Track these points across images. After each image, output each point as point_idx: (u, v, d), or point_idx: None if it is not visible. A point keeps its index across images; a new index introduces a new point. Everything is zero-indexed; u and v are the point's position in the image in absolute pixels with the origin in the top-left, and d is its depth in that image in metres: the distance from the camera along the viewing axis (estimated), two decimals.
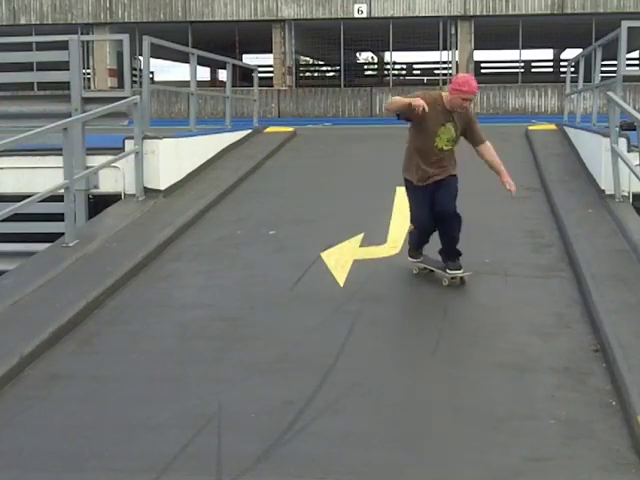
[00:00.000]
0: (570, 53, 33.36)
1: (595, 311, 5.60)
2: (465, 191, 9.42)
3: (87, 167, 8.94)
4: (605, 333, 5.18)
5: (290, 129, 13.94)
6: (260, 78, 15.78)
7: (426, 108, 5.96)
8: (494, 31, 26.47)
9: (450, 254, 6.46)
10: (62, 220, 7.47)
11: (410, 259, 6.78)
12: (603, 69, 14.65)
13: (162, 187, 9.25)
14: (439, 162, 6.34)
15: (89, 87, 25.64)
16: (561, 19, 26.09)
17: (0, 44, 10.56)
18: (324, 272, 6.83)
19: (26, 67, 17.88)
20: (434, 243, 6.62)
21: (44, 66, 13.92)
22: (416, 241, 6.69)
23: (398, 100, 6.13)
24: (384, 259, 7.19)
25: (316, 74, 36.32)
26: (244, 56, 33.39)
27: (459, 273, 6.43)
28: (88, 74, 26.04)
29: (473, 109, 5.91)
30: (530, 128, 13.44)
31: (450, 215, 6.34)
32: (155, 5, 26.51)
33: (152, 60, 11.40)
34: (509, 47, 29.23)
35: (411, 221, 6.69)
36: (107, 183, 9.30)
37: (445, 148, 6.29)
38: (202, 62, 24.07)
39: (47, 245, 7.62)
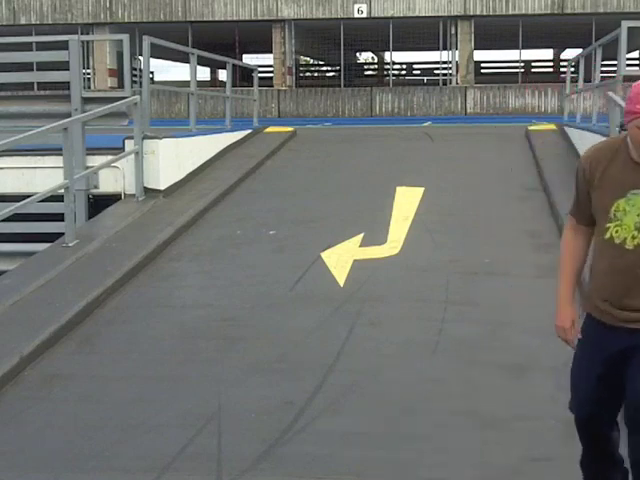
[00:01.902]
0: (570, 53, 33.36)
1: None
2: (465, 191, 9.48)
3: (87, 167, 8.94)
4: None
5: (290, 129, 13.93)
6: (260, 78, 15.77)
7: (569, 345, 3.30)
8: (494, 31, 26.45)
9: None
10: (62, 220, 7.47)
11: None
12: (603, 69, 14.65)
13: (162, 187, 9.25)
14: (632, 279, 2.97)
15: (89, 87, 25.63)
16: (561, 19, 26.08)
17: (0, 44, 10.57)
18: (324, 272, 6.83)
19: (26, 67, 17.86)
20: None
21: (44, 66, 13.93)
22: (582, 455, 3.29)
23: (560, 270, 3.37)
24: (384, 259, 7.19)
25: (316, 74, 36.31)
26: (244, 56, 33.38)
27: None
28: (88, 74, 26.03)
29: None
30: (530, 128, 13.43)
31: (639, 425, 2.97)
32: (155, 5, 26.50)
33: (152, 60, 11.40)
34: (509, 47, 29.22)
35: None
36: (107, 183, 9.29)
37: (632, 245, 2.95)
38: (202, 62, 24.06)
39: (47, 245, 7.62)
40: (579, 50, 15.62)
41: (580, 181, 3.09)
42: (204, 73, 34.56)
